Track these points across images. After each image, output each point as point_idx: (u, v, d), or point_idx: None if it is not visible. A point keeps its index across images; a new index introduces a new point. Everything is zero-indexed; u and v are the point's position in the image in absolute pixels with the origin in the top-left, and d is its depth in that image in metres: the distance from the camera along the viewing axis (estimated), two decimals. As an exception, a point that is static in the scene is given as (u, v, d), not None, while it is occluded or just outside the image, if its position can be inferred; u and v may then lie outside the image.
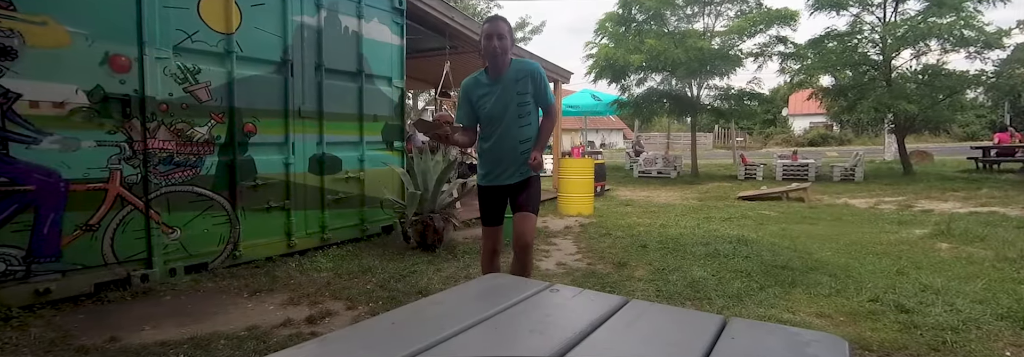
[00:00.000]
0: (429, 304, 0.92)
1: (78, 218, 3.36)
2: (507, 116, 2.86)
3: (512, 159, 2.90)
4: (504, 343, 0.73)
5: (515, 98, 2.86)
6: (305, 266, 4.24)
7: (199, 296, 3.53)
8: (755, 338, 0.78)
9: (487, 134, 2.94)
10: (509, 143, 2.89)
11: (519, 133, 2.89)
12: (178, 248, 3.87)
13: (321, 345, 0.73)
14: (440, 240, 4.81)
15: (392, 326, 0.81)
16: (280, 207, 4.52)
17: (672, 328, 0.86)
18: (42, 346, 2.66)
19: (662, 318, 0.90)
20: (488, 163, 2.95)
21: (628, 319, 0.88)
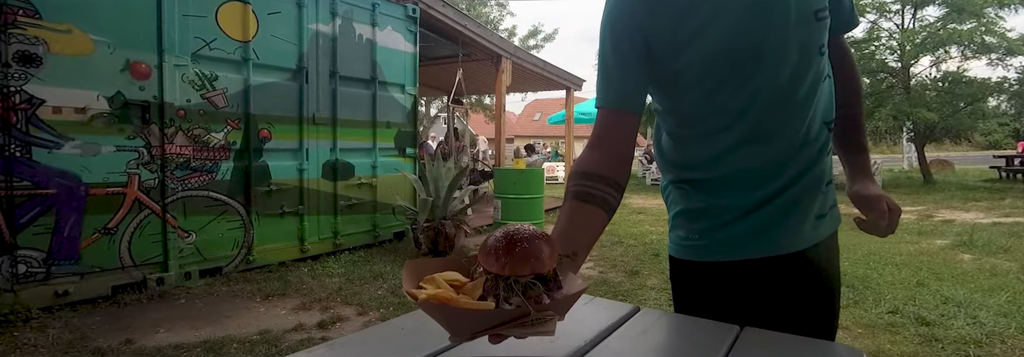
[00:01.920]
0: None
1: (97, 222, 3.42)
2: (784, 58, 0.92)
3: (801, 185, 1.00)
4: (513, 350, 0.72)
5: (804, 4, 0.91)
6: (317, 271, 4.26)
7: (213, 300, 3.56)
8: (770, 349, 0.77)
9: (699, 122, 1.01)
10: (788, 140, 0.97)
11: (812, 112, 0.97)
12: (193, 252, 3.91)
13: (331, 349, 0.74)
14: (451, 246, 4.82)
15: (402, 331, 0.81)
16: (294, 212, 4.56)
17: (685, 338, 0.85)
18: (60, 347, 2.69)
19: (674, 327, 0.89)
20: (712, 197, 1.03)
21: (640, 328, 0.87)
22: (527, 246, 0.62)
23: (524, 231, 0.64)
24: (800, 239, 1.01)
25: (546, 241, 0.64)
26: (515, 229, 0.65)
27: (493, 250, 0.63)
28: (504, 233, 0.65)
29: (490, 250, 0.63)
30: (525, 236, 0.63)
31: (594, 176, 0.90)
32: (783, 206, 0.99)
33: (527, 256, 0.62)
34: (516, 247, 0.62)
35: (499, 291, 0.62)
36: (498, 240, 0.64)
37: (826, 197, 1.04)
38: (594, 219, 0.87)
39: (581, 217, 0.86)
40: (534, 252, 0.62)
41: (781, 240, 1.00)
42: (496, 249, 0.63)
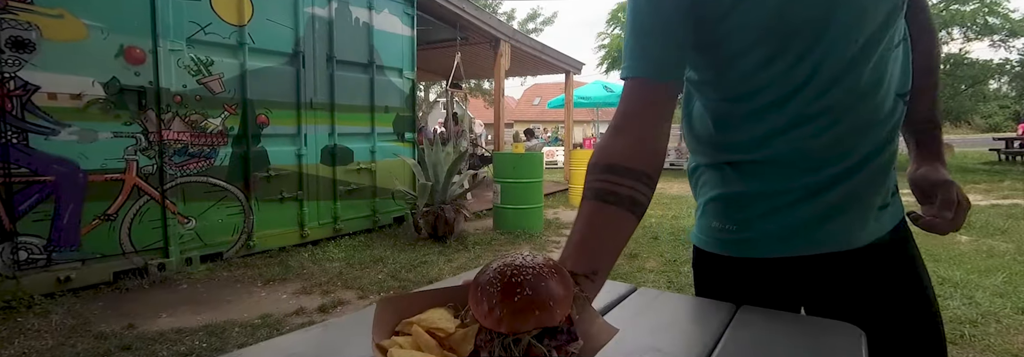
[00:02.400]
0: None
1: (96, 208, 3.42)
2: (860, 23, 0.77)
3: (868, 171, 0.85)
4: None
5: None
6: (318, 256, 4.29)
7: (214, 285, 3.58)
8: (767, 326, 0.77)
9: (746, 97, 0.85)
10: (854, 118, 0.82)
11: (885, 85, 0.82)
12: (194, 238, 3.92)
13: (325, 329, 0.74)
14: (451, 231, 4.83)
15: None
16: (293, 198, 4.56)
17: (681, 316, 0.85)
18: (63, 332, 2.71)
19: (671, 306, 0.89)
20: (756, 181, 0.89)
21: (636, 307, 0.87)
22: (530, 293, 0.48)
23: (526, 269, 0.50)
24: (864, 233, 0.87)
25: (557, 279, 0.51)
26: (515, 265, 0.51)
27: (485, 297, 0.50)
28: (500, 272, 0.51)
29: (481, 295, 0.50)
30: (528, 276, 0.50)
31: (619, 169, 0.72)
32: (843, 194, 0.84)
33: (530, 307, 0.48)
34: (515, 294, 0.48)
35: (495, 349, 0.50)
36: (492, 281, 0.50)
37: (890, 182, 0.90)
38: (620, 225, 0.70)
39: (604, 223, 0.69)
40: (539, 300, 0.49)
41: (840, 234, 0.86)
42: (489, 296, 0.49)
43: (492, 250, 4.65)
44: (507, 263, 0.52)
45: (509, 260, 0.52)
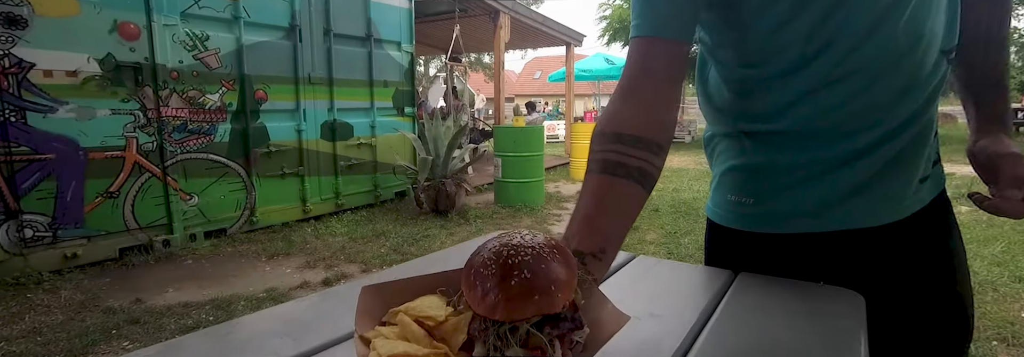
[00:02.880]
0: (432, 262, 0.93)
1: (99, 185, 3.43)
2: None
3: (905, 138, 0.78)
4: None
5: None
6: (320, 231, 4.32)
7: (219, 260, 3.62)
8: (767, 292, 0.77)
9: (765, 59, 0.77)
10: (889, 81, 0.73)
11: (925, 41, 0.73)
12: (197, 214, 3.94)
13: (323, 298, 0.75)
14: (452, 205, 4.85)
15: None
16: (294, 173, 4.57)
17: (680, 283, 0.85)
18: (72, 307, 2.76)
19: (670, 273, 0.88)
20: (779, 151, 0.82)
21: (634, 274, 0.87)
22: (528, 276, 0.44)
23: (524, 249, 0.45)
24: (897, 209, 0.79)
25: (559, 260, 0.46)
26: (512, 245, 0.46)
27: (478, 280, 0.45)
28: (495, 253, 0.46)
29: (475, 279, 0.45)
30: (526, 257, 0.45)
31: (628, 138, 0.66)
32: (875, 167, 0.76)
33: (528, 292, 0.43)
34: (513, 277, 0.44)
35: (489, 338, 0.45)
36: (486, 264, 0.45)
37: (931, 152, 0.81)
38: (629, 199, 0.64)
39: (612, 197, 0.63)
40: (539, 284, 0.44)
41: (868, 211, 0.78)
42: (483, 280, 0.45)
43: (493, 224, 4.68)
44: (504, 243, 0.46)
45: (506, 239, 0.47)
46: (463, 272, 0.48)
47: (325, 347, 0.59)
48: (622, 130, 0.66)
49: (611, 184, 0.64)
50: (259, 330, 0.64)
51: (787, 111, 0.77)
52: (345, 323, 0.65)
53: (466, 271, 0.47)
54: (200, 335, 0.63)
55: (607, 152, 0.65)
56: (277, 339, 0.61)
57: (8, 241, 3.10)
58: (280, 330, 0.64)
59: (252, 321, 0.68)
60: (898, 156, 0.76)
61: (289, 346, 0.59)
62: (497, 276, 0.44)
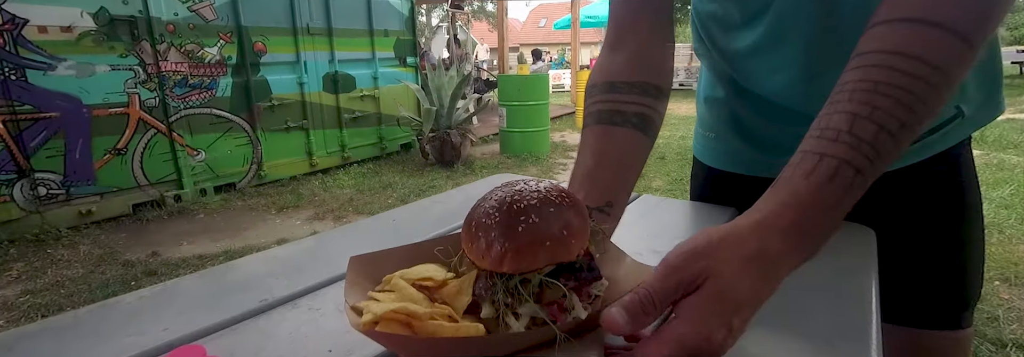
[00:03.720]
0: (432, 203, 0.95)
1: (106, 143, 3.46)
2: None
3: None
4: None
5: None
6: (328, 184, 4.37)
7: (230, 214, 3.69)
8: None
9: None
10: None
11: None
12: (205, 169, 3.99)
13: (318, 240, 0.77)
14: (458, 156, 4.87)
15: (393, 223, 0.84)
16: (299, 127, 4.57)
17: (684, 220, 0.85)
18: (92, 261, 2.85)
19: (674, 211, 0.88)
20: (747, 87, 0.80)
21: (638, 211, 0.88)
22: (536, 220, 0.39)
23: (529, 194, 0.41)
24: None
25: (568, 204, 0.42)
26: (515, 191, 0.42)
27: (481, 231, 0.40)
28: (499, 200, 0.41)
29: (476, 230, 0.41)
30: (532, 201, 0.40)
31: (621, 86, 0.62)
32: None
33: (538, 238, 0.39)
34: (519, 223, 0.39)
35: (497, 296, 0.41)
36: (488, 213, 0.41)
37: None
38: (631, 147, 0.60)
39: (613, 147, 0.59)
40: (550, 229, 0.39)
41: None
42: (486, 230, 0.40)
43: (499, 173, 4.71)
44: (506, 191, 0.42)
45: (508, 188, 0.43)
46: (463, 229, 0.43)
47: (319, 287, 0.61)
48: (614, 78, 0.63)
49: (609, 134, 0.60)
50: (254, 271, 0.67)
51: (760, 51, 0.72)
52: (339, 264, 0.67)
53: (466, 225, 0.43)
54: (196, 277, 0.65)
55: (601, 103, 0.62)
56: (272, 279, 0.63)
57: (24, 199, 3.16)
58: (275, 271, 0.66)
59: (248, 263, 0.70)
60: None
61: (283, 286, 0.61)
62: (502, 224, 0.39)
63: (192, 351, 0.47)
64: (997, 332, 1.96)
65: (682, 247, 0.39)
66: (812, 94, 0.65)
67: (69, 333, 0.51)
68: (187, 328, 0.51)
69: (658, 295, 0.37)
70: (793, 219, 0.41)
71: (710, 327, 0.36)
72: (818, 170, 0.42)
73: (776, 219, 0.41)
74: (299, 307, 0.56)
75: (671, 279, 0.38)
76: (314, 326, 0.52)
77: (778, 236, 0.40)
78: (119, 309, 0.56)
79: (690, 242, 0.40)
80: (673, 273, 0.38)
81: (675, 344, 0.35)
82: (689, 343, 0.35)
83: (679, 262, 0.38)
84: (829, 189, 0.41)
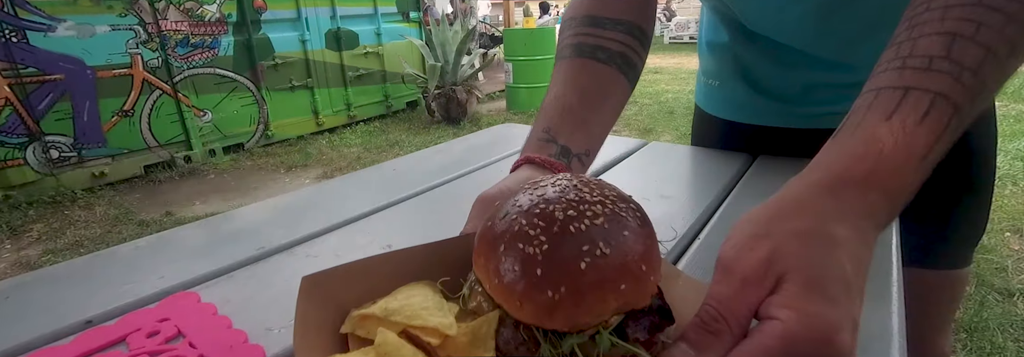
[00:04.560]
0: (434, 153, 0.94)
1: (112, 104, 3.45)
2: None
3: None
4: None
5: None
6: (335, 142, 4.37)
7: (240, 173, 3.72)
8: (789, 172, 0.75)
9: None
10: None
11: None
12: (212, 130, 3.99)
13: (317, 189, 0.76)
14: (464, 113, 4.82)
15: (394, 172, 0.83)
16: (303, 85, 4.53)
17: (695, 166, 0.82)
18: (108, 221, 2.90)
19: (684, 157, 0.86)
20: (746, 33, 0.75)
21: (646, 158, 0.86)
22: (605, 251, 0.28)
23: (589, 205, 0.29)
24: None
25: (639, 219, 0.30)
26: (567, 199, 0.30)
27: (516, 262, 0.28)
28: (541, 210, 0.29)
29: (506, 254, 0.29)
30: (597, 219, 0.29)
31: (604, 21, 0.56)
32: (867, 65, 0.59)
33: (610, 278, 0.27)
34: (580, 254, 0.27)
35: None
36: (524, 231, 0.28)
37: None
38: (616, 90, 0.54)
39: (598, 86, 0.53)
40: (626, 264, 0.28)
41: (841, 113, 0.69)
42: (524, 262, 0.28)
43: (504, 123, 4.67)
44: (548, 196, 0.30)
45: (548, 190, 0.31)
46: (478, 245, 0.31)
47: (315, 235, 0.61)
48: (596, 13, 0.57)
49: (593, 70, 0.54)
50: (252, 220, 0.66)
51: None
52: (338, 212, 0.66)
53: (486, 241, 0.30)
54: (193, 226, 0.65)
55: (582, 35, 0.56)
56: (268, 228, 0.63)
57: (37, 162, 3.19)
58: (273, 220, 0.66)
59: (246, 212, 0.69)
60: None
61: (279, 234, 0.61)
62: (552, 255, 0.27)
63: (185, 298, 0.47)
64: (1004, 282, 1.96)
65: (733, 235, 0.31)
66: (824, 33, 0.64)
67: (64, 282, 0.51)
68: (182, 276, 0.51)
69: (726, 305, 0.27)
70: (869, 173, 0.31)
71: (826, 323, 0.25)
72: (903, 109, 0.32)
73: (843, 174, 0.31)
74: (296, 254, 0.56)
75: (734, 279, 0.28)
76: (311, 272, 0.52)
77: (853, 194, 0.30)
78: (114, 259, 0.56)
79: (740, 227, 0.31)
80: (734, 269, 0.28)
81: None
82: (805, 349, 0.25)
83: (735, 253, 0.29)
84: (920, 133, 0.31)
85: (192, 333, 0.42)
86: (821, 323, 0.25)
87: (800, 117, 0.76)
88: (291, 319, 0.44)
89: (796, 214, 0.30)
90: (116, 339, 0.41)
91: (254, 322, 0.43)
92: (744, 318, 0.27)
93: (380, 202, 0.70)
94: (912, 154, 0.31)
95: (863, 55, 0.65)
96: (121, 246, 0.58)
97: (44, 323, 0.44)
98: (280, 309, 0.45)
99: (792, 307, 0.26)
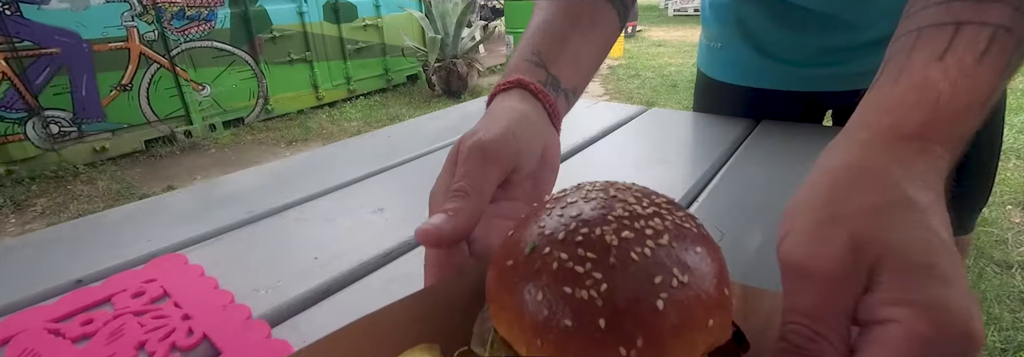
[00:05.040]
0: (430, 119, 0.92)
1: (110, 78, 3.42)
2: None
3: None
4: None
5: None
6: (335, 117, 4.34)
7: (241, 148, 3.71)
8: (790, 137, 0.74)
9: None
10: None
11: None
12: (212, 104, 3.96)
13: (310, 156, 0.75)
14: (465, 86, 4.77)
15: (388, 139, 0.82)
16: (302, 59, 4.47)
17: (696, 131, 0.81)
18: (110, 196, 2.91)
19: (685, 123, 0.85)
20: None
21: (648, 124, 0.85)
22: (684, 282, 0.21)
23: (645, 219, 0.23)
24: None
25: (704, 233, 0.25)
26: (616, 218, 0.23)
27: (566, 312, 0.21)
28: (580, 234, 0.23)
29: (552, 311, 0.21)
30: (661, 239, 0.22)
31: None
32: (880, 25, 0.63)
33: (692, 315, 0.21)
34: (654, 292, 0.21)
35: None
36: (567, 266, 0.22)
37: None
38: (602, 20, 0.47)
39: (584, 13, 0.46)
40: (709, 293, 0.22)
41: (849, 76, 0.69)
42: (577, 311, 0.21)
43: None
44: (585, 215, 0.23)
45: (581, 206, 0.24)
46: (501, 288, 0.24)
47: (306, 200, 0.60)
48: None
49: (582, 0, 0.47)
50: (242, 186, 0.66)
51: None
52: (331, 178, 0.65)
53: (512, 289, 0.23)
54: (183, 192, 0.64)
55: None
56: (259, 193, 0.62)
57: (38, 137, 3.18)
58: (263, 185, 0.65)
59: (237, 178, 0.69)
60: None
61: (268, 200, 0.60)
62: (617, 298, 0.21)
63: (172, 260, 0.47)
64: (1004, 254, 1.96)
65: (791, 228, 0.25)
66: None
67: (50, 246, 0.51)
68: (170, 239, 0.51)
69: (817, 318, 0.22)
70: (925, 124, 0.26)
71: (953, 312, 0.20)
72: (957, 46, 0.28)
73: (898, 128, 0.26)
74: (286, 218, 0.56)
75: (816, 282, 0.23)
76: (300, 235, 0.52)
77: (915, 150, 0.26)
78: (102, 223, 0.56)
79: (794, 216, 0.25)
80: (812, 271, 0.23)
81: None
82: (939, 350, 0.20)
83: (806, 250, 0.23)
84: (981, 73, 0.27)
85: (178, 294, 0.41)
86: (948, 314, 0.20)
87: (804, 80, 0.75)
88: (279, 280, 0.43)
89: (861, 185, 0.24)
90: (102, 299, 0.41)
91: (241, 283, 0.43)
92: (845, 329, 0.22)
93: (374, 167, 0.69)
94: (974, 99, 0.27)
95: (871, 13, 0.63)
96: (109, 211, 0.58)
97: (31, 284, 0.44)
98: (268, 271, 0.45)
99: (905, 302, 0.21)
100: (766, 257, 0.44)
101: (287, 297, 0.41)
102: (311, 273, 0.44)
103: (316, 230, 0.52)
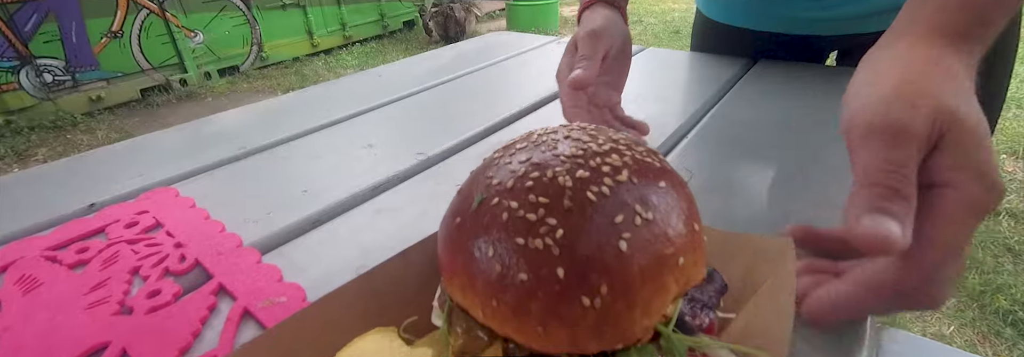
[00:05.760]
0: (421, 59, 0.91)
1: (100, 25, 3.34)
2: None
3: None
4: (491, 92, 0.72)
5: None
6: (331, 64, 4.27)
7: (237, 96, 3.67)
8: (786, 76, 0.74)
9: None
10: None
11: None
12: (206, 52, 3.89)
13: (298, 95, 0.75)
14: (463, 32, 4.66)
15: (379, 78, 0.81)
16: (296, 4, 4.34)
17: (694, 70, 0.80)
18: (111, 144, 2.90)
19: (683, 62, 0.84)
20: None
21: (645, 63, 0.83)
22: (649, 217, 0.20)
23: (598, 153, 0.21)
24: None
25: (665, 167, 0.23)
26: (573, 157, 0.21)
27: (520, 265, 0.19)
28: (530, 178, 0.21)
29: (504, 266, 0.19)
30: (619, 177, 0.20)
31: None
32: None
33: (658, 262, 0.19)
34: (617, 232, 0.19)
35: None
36: (519, 215, 0.20)
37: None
38: None
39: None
40: (678, 231, 0.20)
41: (855, 21, 0.69)
42: (532, 262, 0.19)
43: (498, 31, 4.54)
44: (536, 159, 0.22)
45: (532, 151, 0.22)
46: (449, 251, 0.22)
47: (297, 136, 0.60)
48: None
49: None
50: (233, 124, 0.65)
51: None
52: (322, 116, 0.65)
53: (461, 249, 0.21)
54: (174, 130, 0.64)
55: None
56: (248, 131, 0.62)
57: (32, 86, 3.14)
58: (254, 123, 0.65)
59: (227, 116, 0.68)
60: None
61: (258, 137, 0.60)
62: (575, 243, 0.19)
63: (164, 193, 0.47)
64: (994, 201, 1.97)
65: (862, 104, 0.27)
66: None
67: (41, 182, 0.51)
68: (161, 174, 0.51)
69: (908, 168, 0.25)
70: (969, 24, 0.30)
71: (994, 175, 0.25)
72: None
73: (946, 28, 0.30)
74: (276, 154, 0.56)
75: (908, 140, 0.25)
76: (291, 169, 0.52)
77: (956, 49, 0.29)
78: (92, 161, 0.56)
79: (864, 93, 0.28)
80: (909, 131, 0.25)
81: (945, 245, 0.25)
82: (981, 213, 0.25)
83: (899, 115, 0.26)
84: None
85: (170, 224, 0.42)
86: (993, 176, 0.25)
87: (802, 22, 0.73)
88: (269, 211, 0.44)
89: (934, 72, 0.28)
90: (96, 229, 0.42)
91: (231, 215, 0.44)
92: (914, 186, 0.25)
93: (365, 106, 0.68)
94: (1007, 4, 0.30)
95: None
96: (99, 149, 0.58)
97: (26, 217, 0.44)
98: (257, 203, 0.46)
99: (962, 166, 0.25)
100: (740, 199, 0.44)
101: (277, 227, 0.42)
102: (301, 205, 0.45)
103: (306, 164, 0.53)
